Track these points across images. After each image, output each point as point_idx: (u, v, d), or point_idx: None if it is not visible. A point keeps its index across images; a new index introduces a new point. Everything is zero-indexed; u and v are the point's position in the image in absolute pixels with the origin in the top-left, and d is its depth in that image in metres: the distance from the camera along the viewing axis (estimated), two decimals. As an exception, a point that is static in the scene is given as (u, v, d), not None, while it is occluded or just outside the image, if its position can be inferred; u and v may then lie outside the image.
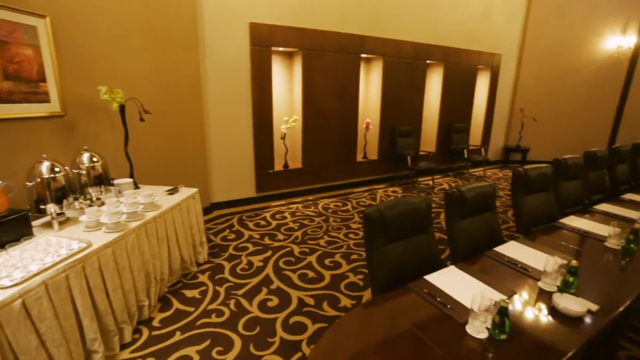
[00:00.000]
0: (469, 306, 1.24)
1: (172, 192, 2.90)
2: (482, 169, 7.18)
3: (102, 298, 1.86)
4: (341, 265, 3.09)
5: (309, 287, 2.74)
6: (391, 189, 5.60)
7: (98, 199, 2.44)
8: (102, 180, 2.52)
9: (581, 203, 2.95)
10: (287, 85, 5.06)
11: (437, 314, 1.31)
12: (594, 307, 1.36)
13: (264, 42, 4.28)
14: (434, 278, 1.53)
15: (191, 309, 2.41)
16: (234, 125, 4.32)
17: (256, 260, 3.15)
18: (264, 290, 2.68)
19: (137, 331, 2.17)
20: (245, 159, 4.51)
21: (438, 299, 1.37)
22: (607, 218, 2.41)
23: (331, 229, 3.89)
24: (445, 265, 1.69)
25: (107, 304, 1.90)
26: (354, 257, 3.24)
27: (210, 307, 2.45)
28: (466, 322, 1.23)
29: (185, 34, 3.68)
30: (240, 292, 2.64)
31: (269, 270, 2.99)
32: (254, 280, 2.81)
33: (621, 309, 1.39)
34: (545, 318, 1.32)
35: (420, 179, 6.17)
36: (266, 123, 4.53)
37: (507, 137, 7.87)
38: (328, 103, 4.97)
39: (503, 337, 1.17)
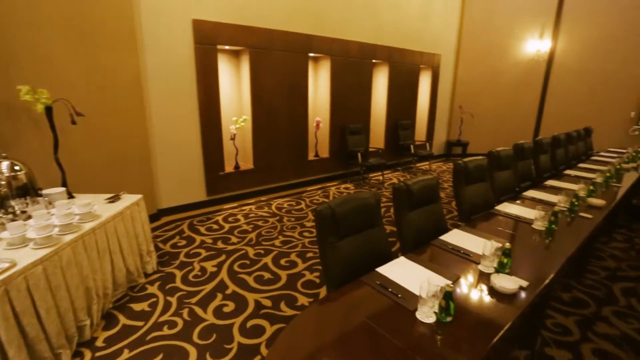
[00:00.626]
0: (418, 293, 1.31)
1: (113, 200, 2.70)
2: (427, 163, 7.62)
3: (32, 323, 1.67)
4: (297, 264, 3.09)
5: (265, 288, 2.70)
6: (343, 185, 5.72)
7: (23, 212, 2.19)
8: (27, 191, 2.27)
9: (512, 191, 3.25)
10: (235, 85, 4.93)
11: (390, 304, 1.37)
12: (525, 283, 1.51)
13: (209, 40, 4.13)
14: (385, 270, 1.59)
15: (140, 323, 2.27)
16: (180, 126, 4.12)
17: (209, 266, 3.04)
18: (219, 296, 2.60)
19: (77, 354, 1.99)
20: (193, 161, 4.33)
21: (390, 290, 1.43)
22: (534, 203, 2.69)
23: (286, 229, 3.88)
24: (397, 257, 1.77)
25: (39, 329, 1.71)
26: (309, 255, 3.26)
27: (161, 319, 2.32)
28: (416, 309, 1.30)
29: (121, 31, 3.42)
30: (194, 300, 2.54)
31: (224, 274, 2.90)
32: (208, 287, 2.71)
33: (547, 282, 1.56)
34: (485, 297, 1.44)
35: (371, 175, 6.37)
36: (214, 124, 4.38)
37: (449, 132, 8.42)
38: (277, 102, 4.94)
39: (449, 319, 1.26)
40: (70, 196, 2.65)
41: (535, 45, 7.16)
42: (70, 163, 2.78)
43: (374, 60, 6.10)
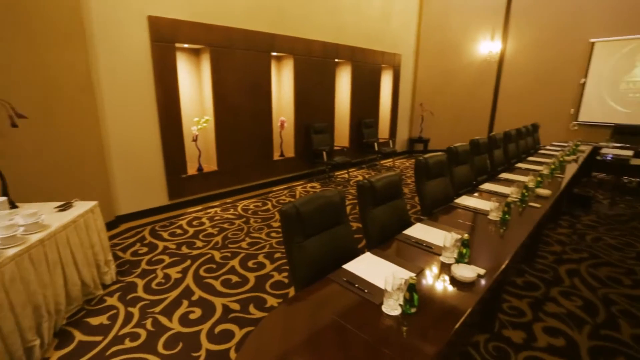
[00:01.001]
0: (383, 288, 1.35)
1: (64, 208, 2.51)
2: (391, 160, 7.83)
3: (-27, 345, 1.53)
4: (265, 265, 3.06)
5: (233, 292, 2.65)
6: (310, 184, 5.73)
7: (-42, 225, 1.98)
8: (-38, 202, 2.05)
9: (470, 184, 3.42)
10: (195, 85, 4.78)
11: (357, 300, 1.40)
12: (482, 271, 1.60)
13: (167, 38, 3.96)
14: (351, 266, 1.62)
15: (98, 338, 2.14)
16: (138, 128, 3.92)
17: (174, 272, 2.93)
18: (185, 302, 2.51)
19: (27, 376, 1.84)
20: (153, 164, 4.14)
21: (356, 285, 1.45)
22: (489, 195, 2.85)
23: (252, 230, 3.83)
24: (363, 253, 1.80)
25: (-18, 351, 1.57)
26: (277, 255, 3.24)
27: (122, 331, 2.20)
28: (382, 303, 1.34)
29: (68, 26, 3.19)
30: (158, 309, 2.43)
31: (189, 280, 2.81)
32: (173, 294, 2.62)
33: (502, 268, 1.67)
34: (446, 287, 1.51)
35: (336, 173, 6.44)
36: (175, 125, 4.22)
37: (411, 130, 8.71)
38: (240, 102, 4.85)
39: (413, 310, 1.30)
40: (13, 206, 2.44)
41: (488, 46, 7.59)
42: (12, 169, 2.55)
43: (336, 60, 6.16)
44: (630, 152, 5.04)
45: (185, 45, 4.37)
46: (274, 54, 5.24)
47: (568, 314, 2.43)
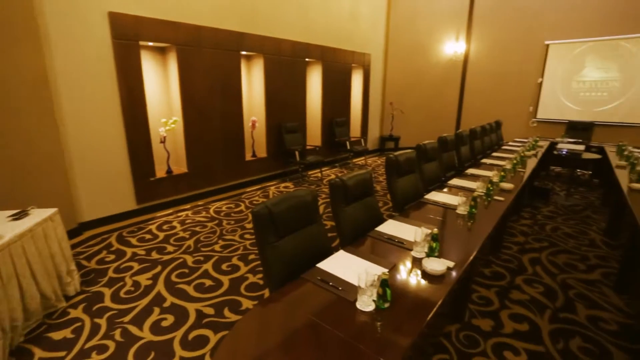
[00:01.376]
0: (357, 284, 1.36)
1: (18, 216, 2.36)
2: (363, 158, 7.94)
3: None
4: (239, 267, 3.02)
5: (207, 296, 2.59)
6: (283, 184, 5.71)
7: None
8: None
9: (439, 180, 3.54)
10: (162, 84, 4.62)
11: (331, 298, 1.41)
12: (451, 263, 1.66)
13: (130, 35, 3.80)
14: (325, 265, 1.63)
15: (61, 354, 2.02)
16: (100, 130, 3.74)
17: (143, 279, 2.82)
18: (156, 310, 2.43)
19: (-18, 398, 1.71)
20: (119, 168, 3.96)
21: (330, 284, 1.47)
22: (457, 190, 2.96)
23: (226, 233, 3.76)
24: (337, 251, 1.82)
25: None
26: (251, 257, 3.20)
27: (88, 344, 2.10)
28: (356, 300, 1.36)
29: (20, 25, 2.98)
30: (127, 318, 2.34)
31: (160, 287, 2.72)
32: (143, 302, 2.52)
33: (470, 260, 1.74)
34: (418, 281, 1.55)
35: (309, 173, 6.45)
36: (141, 126, 4.06)
37: (382, 128, 8.87)
38: (210, 102, 4.74)
39: (387, 305, 1.33)
40: (-38, 216, 2.26)
41: (453, 47, 7.86)
42: (-42, 177, 2.36)
43: (307, 59, 6.16)
44: (582, 147, 5.40)
45: (151, 44, 4.21)
46: (244, 53, 5.17)
47: (531, 300, 2.57)
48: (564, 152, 5.17)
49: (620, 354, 2.06)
